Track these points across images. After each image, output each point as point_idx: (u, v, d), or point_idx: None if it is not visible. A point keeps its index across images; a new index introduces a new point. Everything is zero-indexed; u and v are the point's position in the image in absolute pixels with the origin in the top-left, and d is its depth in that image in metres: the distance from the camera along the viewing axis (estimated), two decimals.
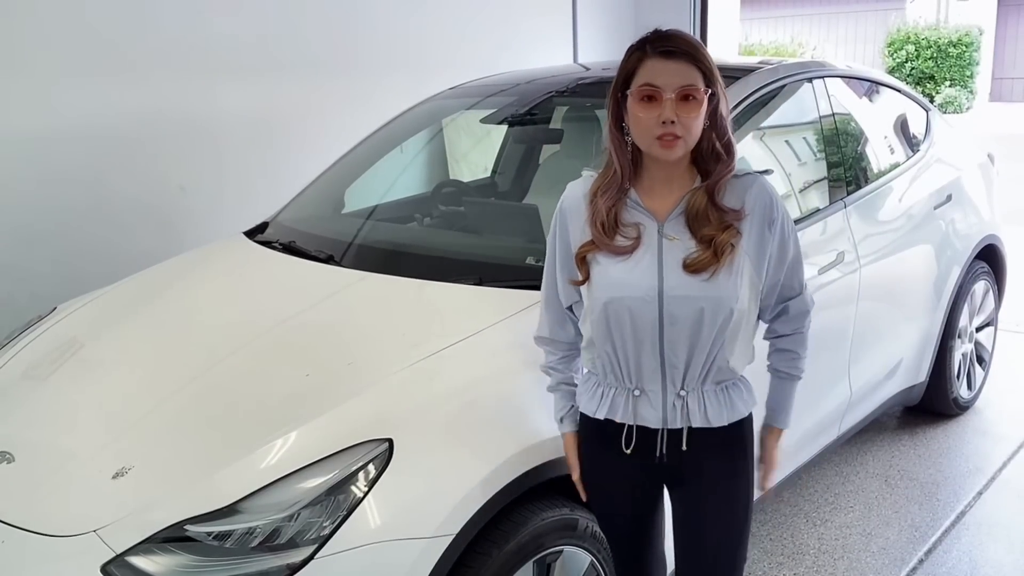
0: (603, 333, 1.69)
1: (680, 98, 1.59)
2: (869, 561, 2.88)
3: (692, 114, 1.60)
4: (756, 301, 1.73)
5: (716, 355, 1.69)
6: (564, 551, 2.02)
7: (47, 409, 2.22)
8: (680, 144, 1.61)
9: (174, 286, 2.77)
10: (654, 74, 1.60)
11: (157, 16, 3.80)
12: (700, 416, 1.71)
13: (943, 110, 16.37)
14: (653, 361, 1.68)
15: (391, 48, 4.69)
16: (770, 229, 1.70)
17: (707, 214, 1.65)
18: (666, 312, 1.64)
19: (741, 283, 1.66)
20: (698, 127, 1.62)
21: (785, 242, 1.74)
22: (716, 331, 1.66)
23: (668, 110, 1.58)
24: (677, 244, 1.65)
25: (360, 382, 2.01)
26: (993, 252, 3.90)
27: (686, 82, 1.59)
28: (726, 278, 1.64)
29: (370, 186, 3.28)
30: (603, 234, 1.67)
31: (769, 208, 1.70)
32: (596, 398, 1.76)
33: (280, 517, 1.70)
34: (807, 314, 1.85)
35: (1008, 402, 4.05)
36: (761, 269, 1.71)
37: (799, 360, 1.89)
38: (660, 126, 1.59)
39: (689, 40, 1.64)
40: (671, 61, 1.60)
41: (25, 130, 3.47)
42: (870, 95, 3.61)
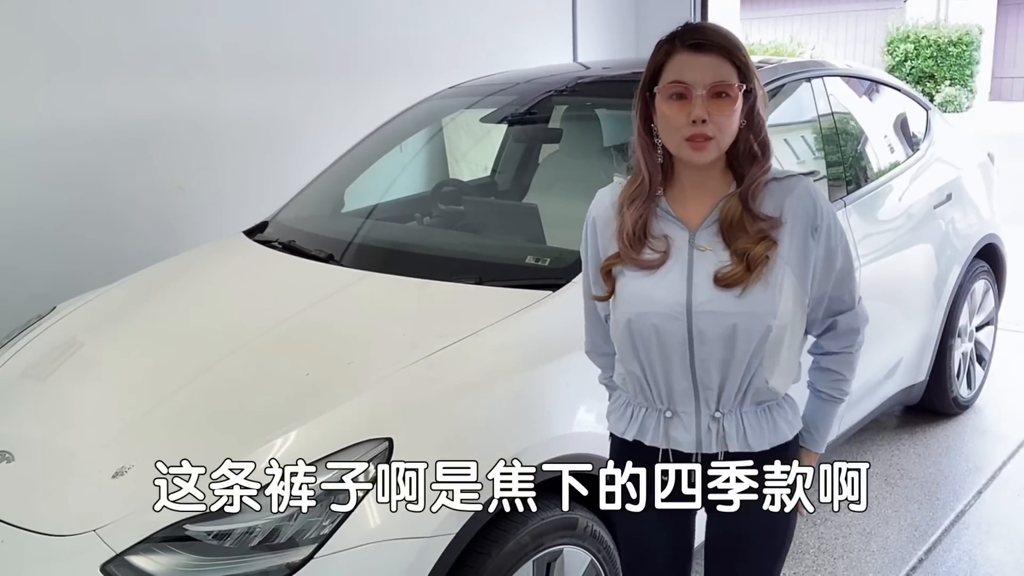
0: (629, 351, 1.59)
1: (712, 95, 1.46)
2: (869, 560, 2.88)
3: (725, 112, 1.47)
4: (802, 315, 1.60)
5: (754, 375, 1.56)
6: (564, 551, 2.02)
7: (47, 409, 2.22)
8: (712, 146, 1.48)
9: (174, 286, 2.77)
10: (683, 69, 1.48)
11: (156, 16, 3.79)
12: (738, 440, 1.58)
13: (943, 109, 16.37)
14: (684, 381, 1.56)
15: (391, 48, 4.69)
16: (814, 236, 1.55)
17: (742, 223, 1.51)
18: (695, 329, 1.52)
19: (780, 297, 1.52)
20: (732, 127, 1.50)
21: (832, 250, 1.59)
22: (753, 349, 1.53)
23: (699, 108, 1.46)
24: (709, 256, 1.53)
25: (360, 382, 2.01)
26: (993, 251, 3.90)
27: (719, 78, 1.47)
28: (761, 292, 1.51)
29: (370, 185, 3.28)
30: (629, 248, 1.55)
31: (812, 213, 1.55)
32: (625, 418, 1.65)
33: (280, 517, 1.70)
34: (858, 332, 1.68)
35: (1008, 401, 4.05)
36: (806, 280, 1.57)
37: (844, 383, 1.71)
38: (690, 126, 1.46)
39: (722, 32, 1.51)
40: (702, 55, 1.48)
41: (25, 130, 3.47)
42: (870, 94, 3.61)
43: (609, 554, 2.10)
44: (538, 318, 2.16)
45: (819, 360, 1.72)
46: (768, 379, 1.57)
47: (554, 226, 2.63)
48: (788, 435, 1.62)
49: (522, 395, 2.01)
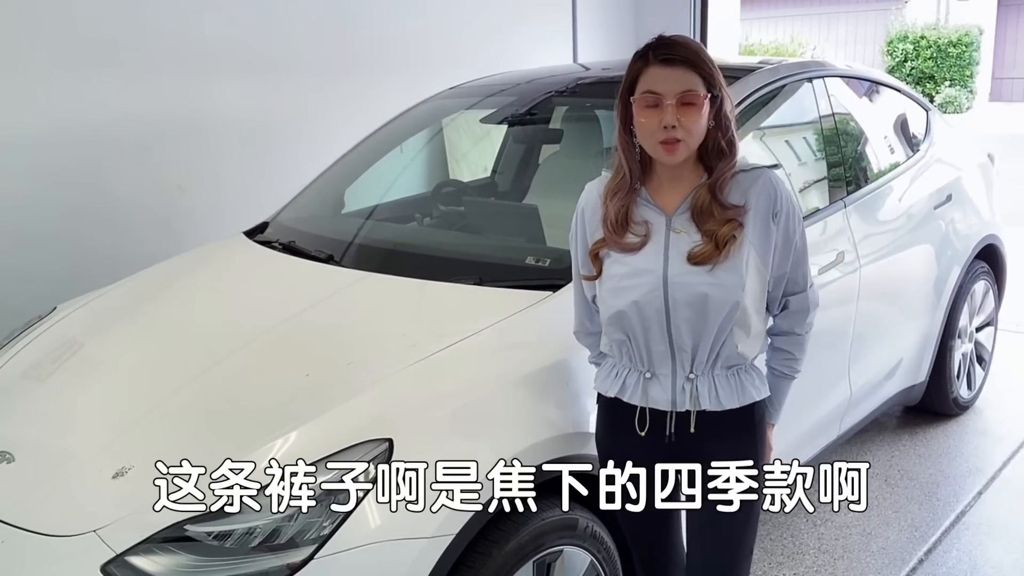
0: (614, 322, 1.78)
1: (680, 104, 1.66)
2: (869, 561, 2.88)
3: (692, 118, 1.67)
4: (764, 291, 1.79)
5: (724, 341, 1.75)
6: (564, 551, 2.02)
7: (47, 409, 2.22)
8: (682, 147, 1.68)
9: (174, 286, 2.77)
10: (655, 81, 1.68)
11: (156, 16, 3.79)
12: (710, 399, 1.77)
13: (943, 110, 16.37)
14: (662, 345, 1.76)
15: (391, 48, 4.69)
16: (774, 220, 1.75)
17: (711, 210, 1.71)
18: (671, 297, 1.72)
19: (746, 274, 1.72)
20: (700, 130, 1.69)
21: (790, 234, 1.78)
22: (723, 319, 1.73)
23: (669, 115, 1.66)
24: (683, 237, 1.73)
25: (360, 382, 2.01)
26: (993, 252, 3.90)
27: (686, 88, 1.66)
28: (730, 269, 1.71)
29: (370, 186, 3.28)
30: (613, 232, 1.76)
31: (772, 200, 1.75)
32: (610, 378, 1.85)
33: (280, 517, 1.70)
34: (807, 312, 1.88)
35: (1008, 402, 4.05)
36: (767, 260, 1.76)
37: (795, 361, 1.92)
38: (662, 131, 1.67)
39: (690, 46, 1.70)
40: (671, 68, 1.67)
41: (24, 130, 3.47)
42: (870, 95, 3.62)
43: (609, 554, 2.10)
44: (538, 319, 2.16)
45: (773, 340, 1.91)
46: (738, 345, 1.77)
47: (554, 227, 2.63)
48: (755, 396, 1.81)
49: (522, 396, 2.01)
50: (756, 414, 1.84)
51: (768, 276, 1.79)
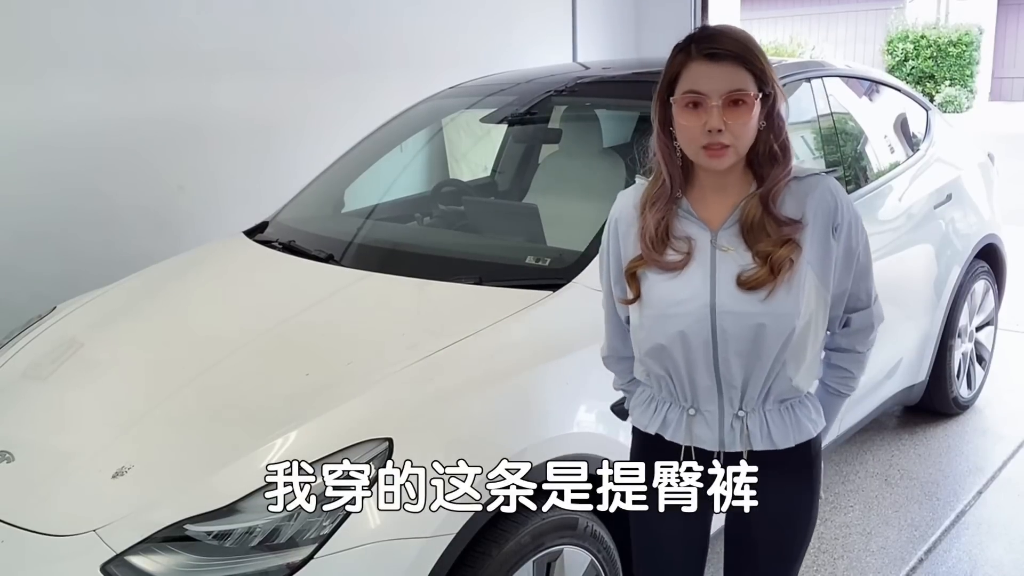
0: (655, 355, 1.60)
1: (728, 104, 1.47)
2: (869, 560, 2.88)
3: (741, 120, 1.47)
4: (824, 313, 1.60)
5: (778, 373, 1.57)
6: (564, 551, 2.02)
7: (47, 409, 2.22)
8: (729, 153, 1.49)
9: (174, 286, 2.77)
10: (699, 79, 1.48)
11: (156, 16, 3.79)
12: (762, 438, 1.59)
13: (943, 109, 16.36)
14: (708, 379, 1.57)
15: (390, 48, 4.69)
16: (834, 235, 1.56)
17: (763, 225, 1.52)
18: (719, 328, 1.53)
19: (802, 297, 1.53)
20: (750, 133, 1.50)
21: (852, 249, 1.60)
22: (778, 349, 1.54)
23: (715, 118, 1.46)
24: (731, 256, 1.53)
25: (360, 382, 2.01)
26: (993, 251, 3.90)
27: (734, 87, 1.47)
28: (785, 294, 1.52)
29: (370, 185, 3.28)
30: (652, 249, 1.56)
31: (832, 212, 1.56)
32: (649, 412, 1.67)
33: (280, 516, 1.70)
34: (870, 329, 1.71)
35: (1008, 402, 4.05)
36: (828, 279, 1.57)
37: (852, 380, 1.75)
38: (706, 135, 1.47)
39: (738, 39, 1.50)
40: (717, 64, 1.47)
41: (24, 130, 3.47)
42: (870, 94, 3.62)
43: (609, 554, 2.10)
44: (538, 318, 2.16)
45: (830, 356, 1.73)
46: (792, 377, 1.58)
47: (554, 226, 2.63)
48: (812, 432, 1.63)
49: (522, 395, 2.01)
50: (813, 449, 1.65)
51: (828, 296, 1.59)
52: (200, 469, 1.84)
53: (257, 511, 1.72)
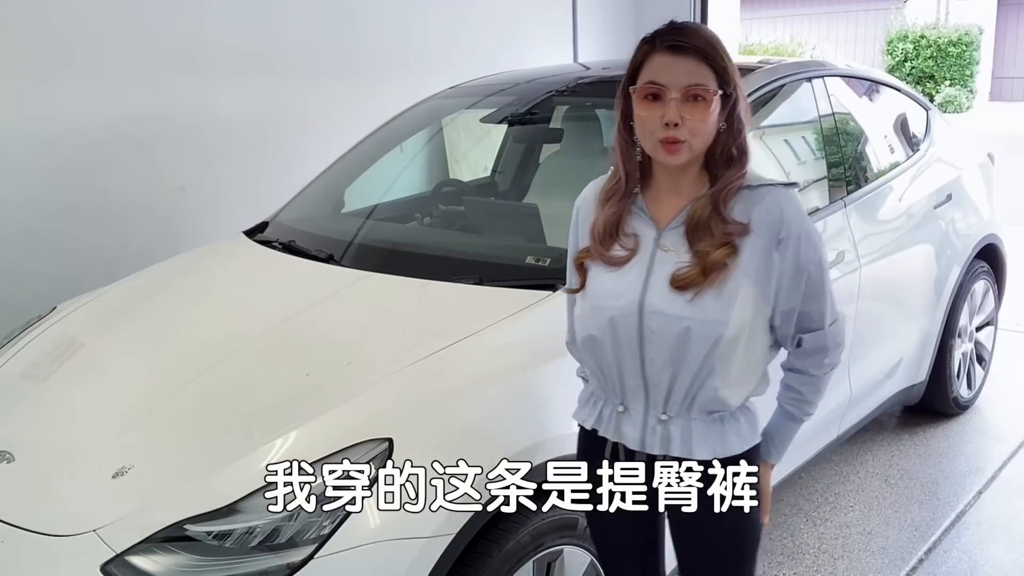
0: (587, 344, 1.61)
1: (686, 98, 1.46)
2: (869, 560, 2.88)
3: (699, 116, 1.46)
4: (762, 327, 1.56)
5: (705, 381, 1.54)
6: (564, 551, 2.02)
7: (47, 409, 2.22)
8: (684, 149, 1.48)
9: (174, 286, 2.77)
10: (660, 70, 1.47)
11: (156, 16, 3.79)
12: (681, 445, 1.57)
13: (943, 109, 16.36)
14: (635, 378, 1.57)
15: (391, 48, 4.69)
16: (778, 248, 1.51)
17: (709, 225, 1.50)
18: (647, 328, 1.52)
19: (734, 306, 1.50)
20: (707, 131, 1.49)
21: (800, 265, 1.54)
22: (703, 356, 1.51)
23: (672, 111, 1.45)
24: (671, 256, 1.52)
25: (360, 382, 2.01)
26: (993, 251, 3.90)
27: (694, 80, 1.45)
28: (714, 300, 1.49)
29: (370, 186, 3.28)
30: (599, 243, 1.57)
31: (778, 224, 1.51)
32: (587, 407, 1.70)
33: (280, 517, 1.70)
34: (824, 352, 1.63)
35: (1008, 402, 4.05)
36: (769, 293, 1.53)
37: (805, 404, 1.68)
38: (663, 128, 1.46)
39: (703, 35, 1.49)
40: (679, 57, 1.46)
41: (25, 130, 3.47)
42: (870, 94, 3.61)
43: None
44: (538, 318, 2.16)
45: (786, 375, 1.69)
46: (718, 388, 1.54)
47: (554, 226, 2.63)
48: (736, 449, 1.58)
49: (522, 395, 2.01)
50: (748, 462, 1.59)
51: (771, 310, 1.56)
52: (200, 469, 1.84)
53: (257, 511, 1.72)
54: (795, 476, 3.01)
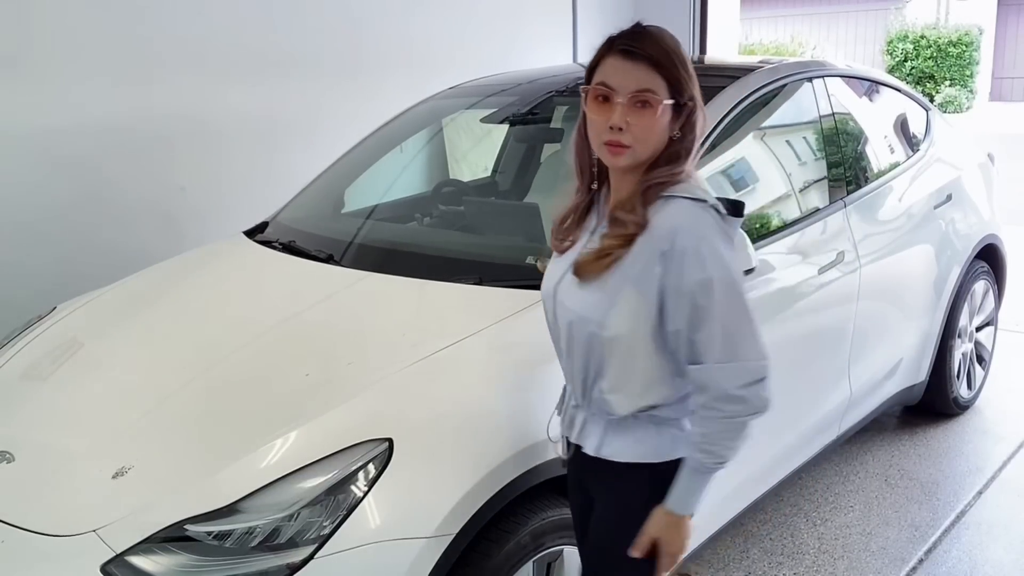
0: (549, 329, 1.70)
1: (634, 104, 1.46)
2: (869, 561, 2.88)
3: (645, 123, 1.46)
4: (646, 338, 1.51)
5: (594, 380, 1.55)
6: (564, 551, 2.02)
7: (47, 409, 2.22)
8: (628, 154, 1.48)
9: (174, 286, 2.77)
10: (611, 73, 1.48)
11: (158, 16, 3.80)
12: (588, 438, 1.62)
13: (943, 109, 16.37)
14: (564, 364, 1.65)
15: (391, 48, 4.69)
16: (661, 260, 1.46)
17: (620, 216, 1.50)
18: (557, 313, 1.61)
19: (612, 309, 1.49)
20: (653, 139, 1.48)
21: (683, 284, 1.45)
22: (584, 353, 1.53)
23: (617, 115, 1.46)
24: (592, 246, 1.55)
25: (360, 382, 2.00)
26: (993, 252, 3.90)
27: (642, 86, 1.45)
28: (596, 298, 1.50)
29: (370, 186, 3.28)
30: (554, 235, 1.65)
31: (667, 236, 1.46)
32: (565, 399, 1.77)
33: (280, 517, 1.70)
34: (707, 392, 1.49)
35: (1008, 402, 4.05)
36: (650, 304, 1.48)
37: (701, 451, 1.52)
38: (608, 131, 1.47)
39: (660, 43, 1.49)
40: (630, 62, 1.47)
41: (26, 129, 3.47)
42: (870, 95, 3.61)
43: None
44: (538, 318, 2.15)
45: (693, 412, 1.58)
46: (604, 391, 1.56)
47: None
48: (627, 456, 1.57)
49: (523, 395, 2.01)
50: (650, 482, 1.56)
51: (651, 324, 1.49)
52: (200, 469, 1.84)
53: (257, 511, 1.72)
54: (795, 476, 3.01)
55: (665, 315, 1.49)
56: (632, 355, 1.53)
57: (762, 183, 2.89)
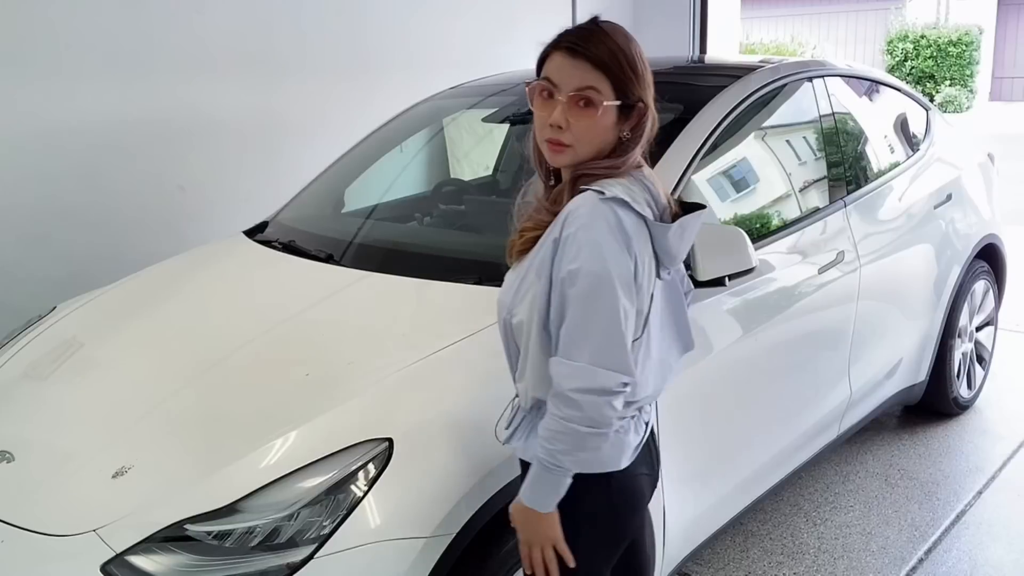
0: None
1: (575, 103, 1.43)
2: (869, 560, 2.88)
3: (585, 122, 1.44)
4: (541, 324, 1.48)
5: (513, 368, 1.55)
6: None
7: (47, 409, 2.22)
8: (568, 153, 1.46)
9: (174, 286, 2.77)
10: (554, 70, 1.47)
11: (157, 16, 3.80)
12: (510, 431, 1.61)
13: (943, 109, 16.37)
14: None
15: (391, 48, 4.69)
16: (552, 246, 1.45)
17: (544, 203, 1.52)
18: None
19: (519, 295, 1.49)
20: (594, 139, 1.46)
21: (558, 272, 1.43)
22: (504, 339, 1.54)
23: (557, 113, 1.44)
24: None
25: (360, 382, 2.00)
26: (993, 251, 3.90)
27: (584, 84, 1.43)
28: (510, 280, 1.53)
29: (370, 185, 3.28)
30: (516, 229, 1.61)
31: (559, 223, 1.44)
32: None
33: (280, 516, 1.70)
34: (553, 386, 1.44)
35: (1008, 402, 4.05)
36: (544, 290, 1.46)
37: (542, 444, 1.46)
38: (549, 128, 1.46)
39: (608, 42, 1.45)
40: (573, 60, 1.45)
41: (25, 130, 3.47)
42: (870, 94, 3.61)
43: None
44: None
45: None
46: (515, 379, 1.57)
47: None
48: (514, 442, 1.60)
49: None
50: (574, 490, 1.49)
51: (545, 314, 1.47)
52: (200, 469, 1.84)
53: (257, 511, 1.72)
54: (795, 476, 3.01)
55: (552, 299, 1.47)
56: (536, 344, 1.51)
57: (762, 183, 2.89)
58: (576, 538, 1.56)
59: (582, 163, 1.49)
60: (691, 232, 1.56)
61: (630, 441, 1.58)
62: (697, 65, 3.75)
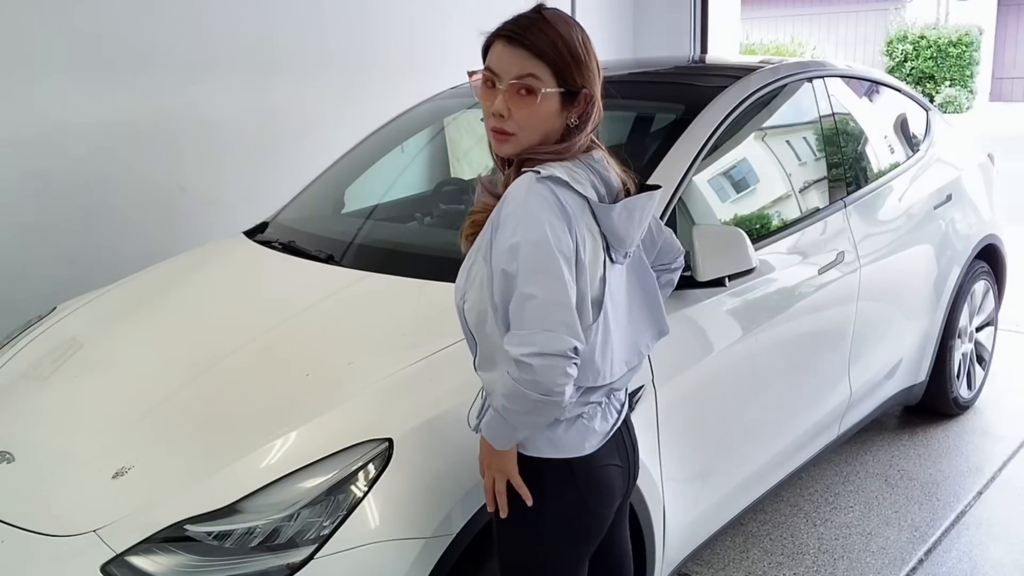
0: None
1: (515, 91, 1.44)
2: (869, 561, 2.88)
3: (525, 110, 1.44)
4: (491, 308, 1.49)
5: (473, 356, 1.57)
6: None
7: (47, 409, 2.22)
8: (512, 142, 1.47)
9: (174, 286, 2.77)
10: (495, 59, 1.48)
11: (157, 16, 3.80)
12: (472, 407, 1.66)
13: (943, 110, 16.37)
14: None
15: (392, 48, 4.69)
16: (491, 228, 1.47)
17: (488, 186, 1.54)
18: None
19: (468, 280, 1.51)
20: (537, 126, 1.46)
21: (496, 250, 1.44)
22: (463, 327, 1.56)
23: (498, 102, 1.45)
24: None
25: (360, 382, 2.00)
26: (993, 252, 3.90)
27: (524, 72, 1.44)
28: (464, 268, 1.53)
29: (370, 186, 3.28)
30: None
31: (499, 204, 1.46)
32: None
33: (280, 517, 1.70)
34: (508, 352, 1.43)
35: (1008, 402, 4.05)
36: (489, 273, 1.48)
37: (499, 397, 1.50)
38: (492, 117, 1.47)
39: (547, 30, 1.45)
40: (512, 48, 1.45)
41: (25, 130, 3.47)
42: (870, 95, 3.62)
43: None
44: None
45: None
46: (477, 365, 1.58)
47: None
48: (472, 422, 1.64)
49: None
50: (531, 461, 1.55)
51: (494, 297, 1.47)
52: (200, 469, 1.84)
53: (257, 511, 1.72)
54: (795, 476, 3.01)
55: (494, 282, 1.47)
56: (482, 329, 1.52)
57: (762, 183, 2.89)
58: (544, 532, 1.57)
59: (527, 150, 1.49)
60: (640, 213, 1.55)
61: (595, 428, 1.58)
62: (697, 65, 3.75)
